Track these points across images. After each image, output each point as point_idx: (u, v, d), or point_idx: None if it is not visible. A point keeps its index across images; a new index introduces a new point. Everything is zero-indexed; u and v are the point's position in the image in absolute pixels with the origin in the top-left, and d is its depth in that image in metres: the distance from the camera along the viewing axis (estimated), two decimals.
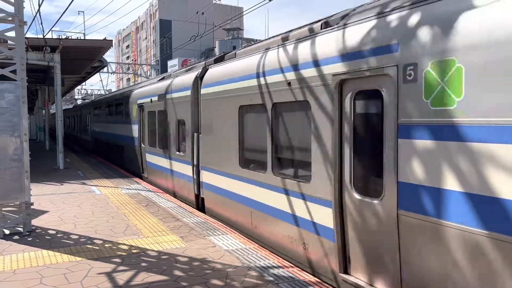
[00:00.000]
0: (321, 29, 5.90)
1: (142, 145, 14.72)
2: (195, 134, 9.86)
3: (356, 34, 4.94)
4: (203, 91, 9.43)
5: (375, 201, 4.68)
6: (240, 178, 7.80)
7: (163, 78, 13.80)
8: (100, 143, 24.01)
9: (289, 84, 6.11)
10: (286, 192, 6.31)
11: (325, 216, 5.41)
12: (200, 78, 9.70)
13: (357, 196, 4.96)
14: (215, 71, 9.02)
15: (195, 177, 10.00)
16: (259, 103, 6.98)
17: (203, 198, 9.75)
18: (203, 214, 9.32)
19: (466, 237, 3.72)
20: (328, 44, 5.41)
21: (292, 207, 6.17)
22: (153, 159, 13.46)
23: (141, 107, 14.74)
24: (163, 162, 12.38)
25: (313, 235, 5.74)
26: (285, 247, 6.45)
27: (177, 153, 11.10)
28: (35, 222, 8.52)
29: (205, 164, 9.42)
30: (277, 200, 6.55)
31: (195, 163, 9.92)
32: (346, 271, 5.20)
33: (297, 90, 5.94)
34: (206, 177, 9.39)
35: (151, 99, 13.44)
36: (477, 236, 3.64)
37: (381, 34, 4.58)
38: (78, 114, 34.50)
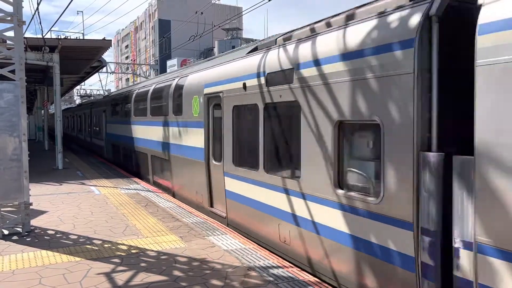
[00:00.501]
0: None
1: (214, 161, 9.13)
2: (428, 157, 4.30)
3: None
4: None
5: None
6: None
7: (255, 50, 8.07)
8: (121, 151, 18.11)
9: None
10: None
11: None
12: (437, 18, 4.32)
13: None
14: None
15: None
16: None
17: None
18: (202, 214, 9.30)
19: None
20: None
21: None
22: (249, 190, 7.64)
23: (213, 98, 9.11)
24: (279, 199, 6.78)
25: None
26: None
27: (340, 191, 5.40)
28: (34, 222, 8.50)
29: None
30: None
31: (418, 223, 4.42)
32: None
33: None
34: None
35: (244, 84, 7.65)
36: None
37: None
38: (87, 112, 27.85)
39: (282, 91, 6.58)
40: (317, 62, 5.85)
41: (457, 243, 4.08)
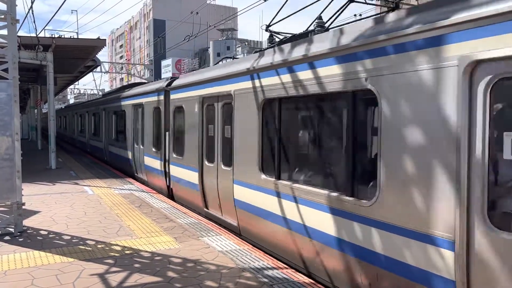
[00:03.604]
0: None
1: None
2: None
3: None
4: None
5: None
6: None
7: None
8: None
9: None
10: None
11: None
12: None
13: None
14: None
15: None
16: None
17: None
18: (197, 215, 9.27)
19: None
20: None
21: None
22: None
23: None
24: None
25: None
26: None
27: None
28: (27, 222, 8.42)
29: None
30: None
31: None
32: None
33: None
34: None
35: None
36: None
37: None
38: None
39: None
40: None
41: None
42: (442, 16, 3.98)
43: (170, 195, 11.65)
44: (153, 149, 12.76)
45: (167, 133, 11.72)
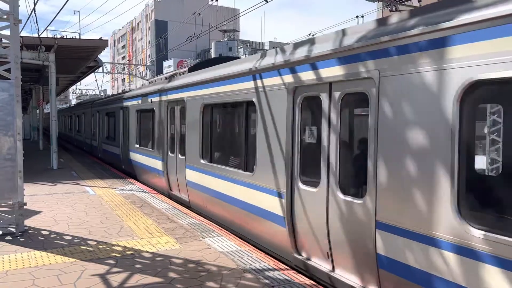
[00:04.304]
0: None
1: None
2: None
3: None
4: None
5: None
6: None
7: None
8: None
9: None
10: None
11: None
12: None
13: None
14: None
15: None
16: None
17: None
18: (198, 216, 9.26)
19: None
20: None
21: None
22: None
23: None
24: None
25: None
26: None
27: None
28: (28, 222, 8.43)
29: None
30: None
31: None
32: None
33: None
34: None
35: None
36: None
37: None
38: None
39: None
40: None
41: None
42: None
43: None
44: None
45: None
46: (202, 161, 9.46)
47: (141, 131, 14.50)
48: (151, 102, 13.11)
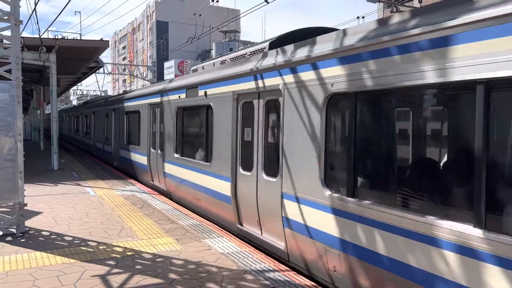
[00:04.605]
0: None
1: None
2: None
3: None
4: None
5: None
6: None
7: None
8: None
9: None
10: None
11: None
12: None
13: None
14: None
15: None
16: None
17: None
18: (198, 216, 9.26)
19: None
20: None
21: None
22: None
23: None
24: None
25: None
26: None
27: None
28: (29, 223, 8.43)
29: None
30: None
31: None
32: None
33: None
34: None
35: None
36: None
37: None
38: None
39: None
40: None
41: None
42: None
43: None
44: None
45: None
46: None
47: (184, 135, 10.97)
48: (206, 96, 9.26)
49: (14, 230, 7.76)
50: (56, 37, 21.52)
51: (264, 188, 7.03)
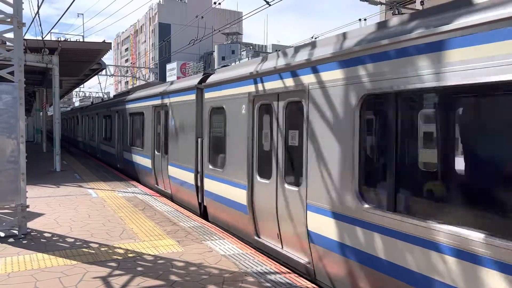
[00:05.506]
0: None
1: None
2: None
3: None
4: None
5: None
6: None
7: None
8: None
9: None
10: None
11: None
12: None
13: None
14: None
15: None
16: None
17: None
18: (199, 218, 9.26)
19: None
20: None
21: None
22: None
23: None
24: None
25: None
26: None
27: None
28: (31, 224, 8.45)
29: None
30: None
31: None
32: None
33: None
34: None
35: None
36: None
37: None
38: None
39: None
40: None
41: None
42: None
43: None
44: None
45: None
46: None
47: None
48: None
49: (16, 232, 7.78)
50: (59, 39, 21.58)
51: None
